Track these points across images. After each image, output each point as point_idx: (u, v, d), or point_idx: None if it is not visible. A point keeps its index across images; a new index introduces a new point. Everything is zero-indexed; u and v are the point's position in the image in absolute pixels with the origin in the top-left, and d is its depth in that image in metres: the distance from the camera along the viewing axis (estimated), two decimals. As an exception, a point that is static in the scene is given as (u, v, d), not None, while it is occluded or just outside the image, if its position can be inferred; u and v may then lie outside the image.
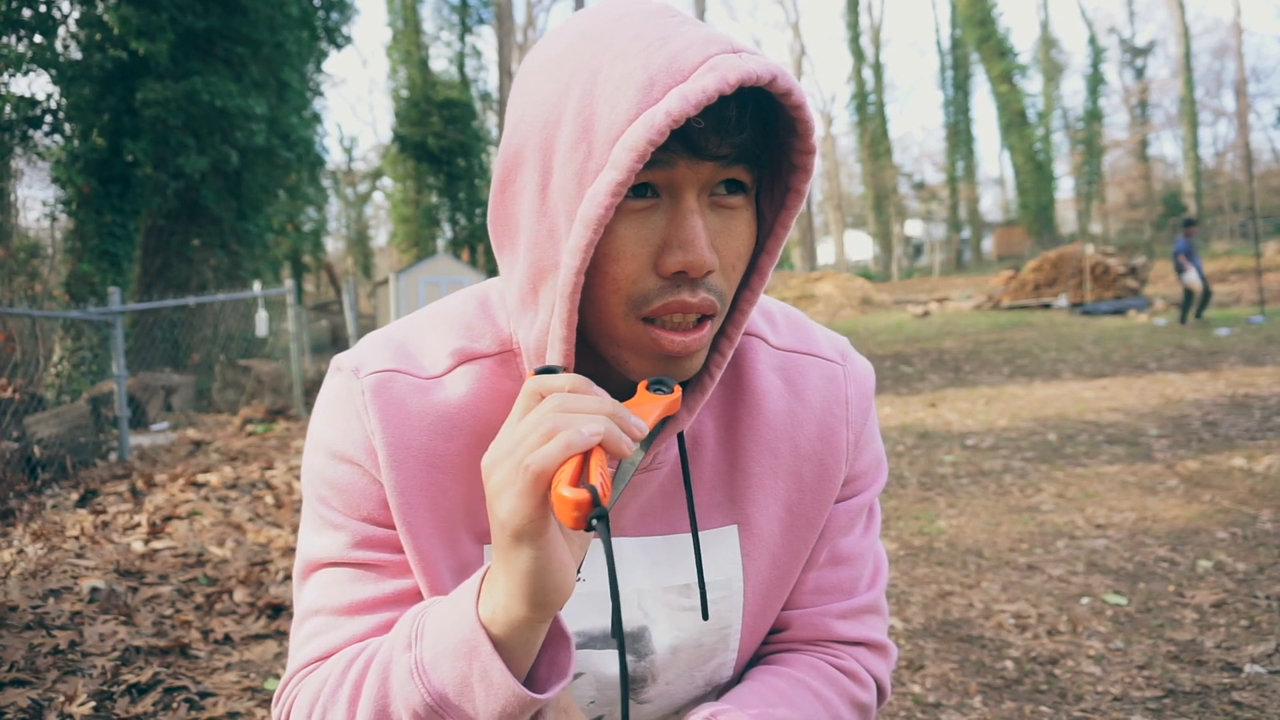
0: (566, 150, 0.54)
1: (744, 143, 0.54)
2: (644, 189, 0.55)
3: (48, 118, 9.07)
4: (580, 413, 0.49)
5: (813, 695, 0.70)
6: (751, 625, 0.73)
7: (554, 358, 0.57)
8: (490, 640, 0.54)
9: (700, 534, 0.69)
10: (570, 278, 0.54)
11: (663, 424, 0.61)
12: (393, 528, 0.67)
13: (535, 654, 0.56)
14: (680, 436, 0.65)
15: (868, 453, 0.75)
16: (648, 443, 0.60)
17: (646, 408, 0.55)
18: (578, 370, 0.63)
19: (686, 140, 0.53)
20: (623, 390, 0.64)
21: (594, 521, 0.46)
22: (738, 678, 0.75)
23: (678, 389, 0.57)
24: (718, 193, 0.56)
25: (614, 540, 0.69)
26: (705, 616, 0.67)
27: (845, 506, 0.74)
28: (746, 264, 0.59)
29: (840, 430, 0.71)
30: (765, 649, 0.76)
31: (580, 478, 0.48)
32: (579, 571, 0.67)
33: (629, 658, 0.70)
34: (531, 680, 0.57)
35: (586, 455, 0.48)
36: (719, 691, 0.75)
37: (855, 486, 0.75)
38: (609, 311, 0.57)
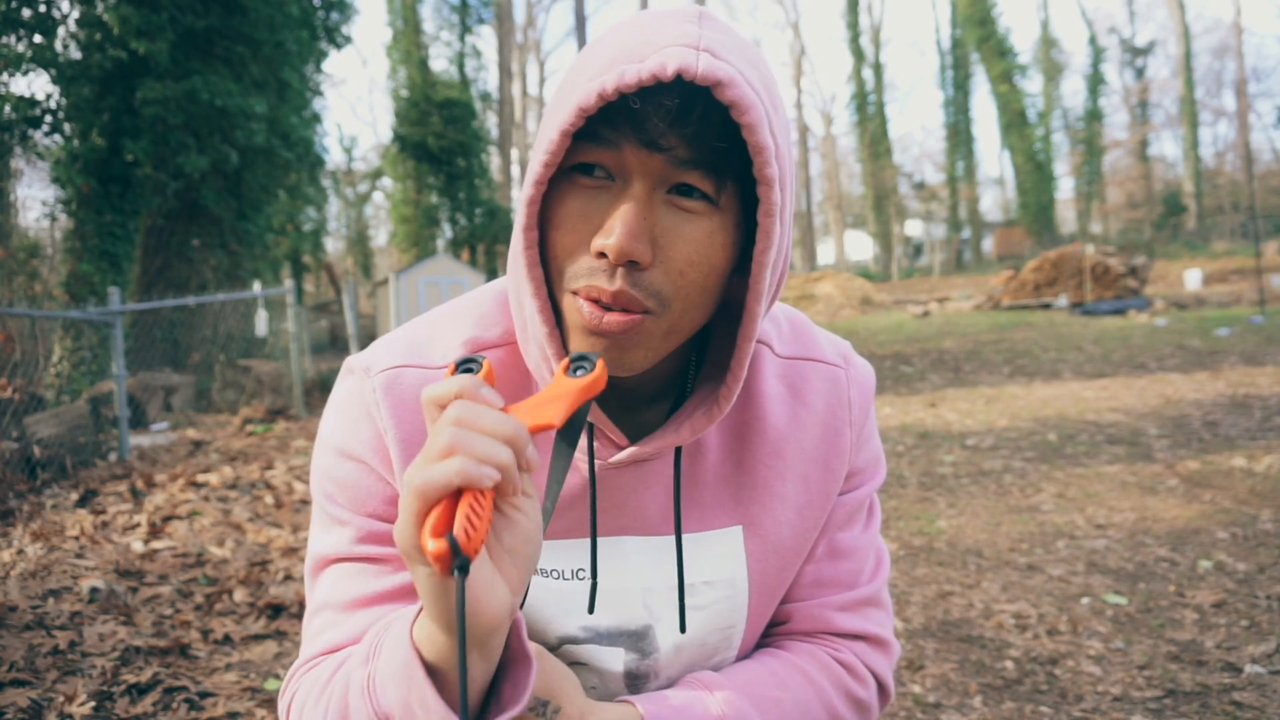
0: (546, 126, 0.57)
1: (695, 142, 0.54)
2: (595, 168, 0.56)
3: (47, 118, 9.06)
4: (479, 432, 0.45)
5: (805, 680, 0.71)
6: (754, 626, 0.73)
7: (529, 308, 0.59)
8: (423, 666, 0.52)
9: (704, 534, 0.70)
10: (519, 238, 0.57)
11: (584, 409, 0.54)
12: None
13: (488, 677, 0.53)
14: (677, 452, 0.66)
15: (867, 449, 0.76)
16: (573, 433, 0.55)
17: (558, 401, 0.51)
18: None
19: (637, 127, 0.53)
20: (610, 403, 0.66)
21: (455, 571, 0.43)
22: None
23: (600, 364, 0.53)
24: (674, 193, 0.56)
25: (621, 539, 0.69)
26: (683, 629, 0.68)
27: (844, 500, 0.75)
28: (707, 278, 0.58)
29: (844, 432, 0.73)
30: (765, 640, 0.77)
31: (450, 520, 0.44)
32: (582, 571, 0.68)
33: (633, 655, 0.71)
34: (496, 697, 0.54)
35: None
36: None
37: (854, 481, 0.76)
38: (553, 279, 0.59)
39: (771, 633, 0.77)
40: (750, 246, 0.60)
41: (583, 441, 0.66)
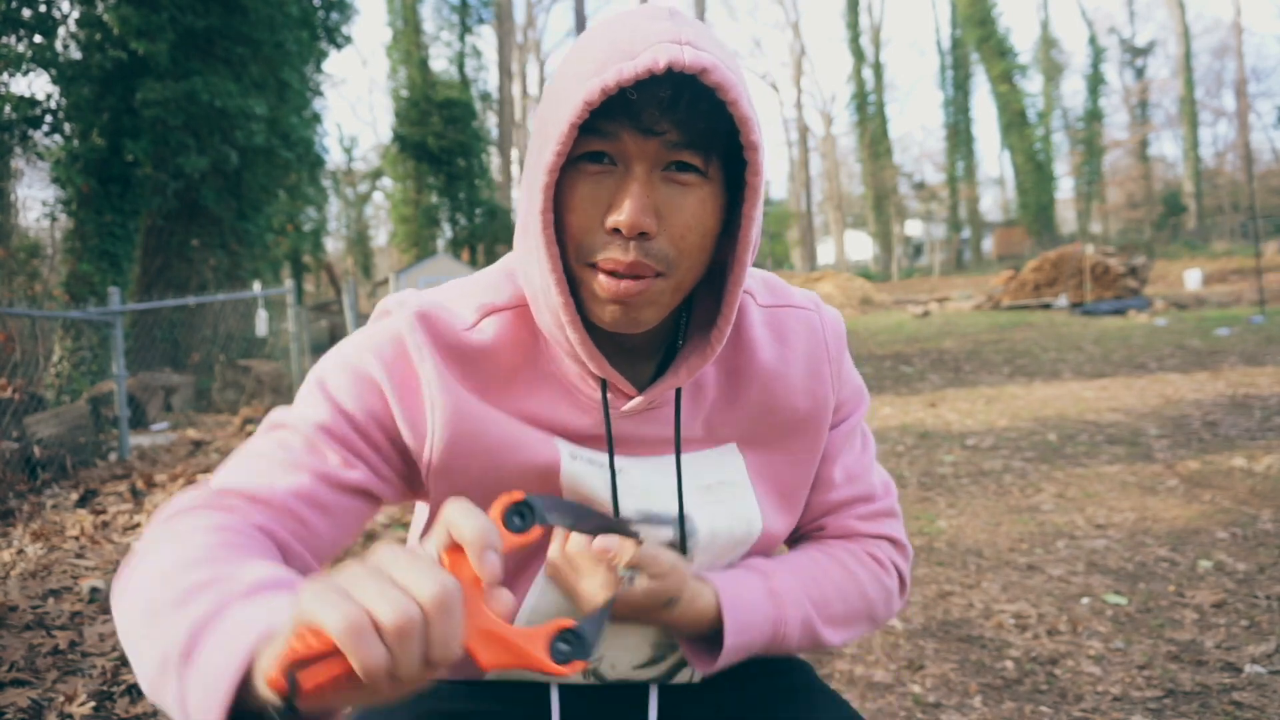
0: (548, 119, 0.65)
1: (685, 125, 0.63)
2: (600, 156, 0.65)
3: (48, 118, 9.05)
4: (415, 629, 0.41)
5: (843, 568, 0.84)
6: (770, 525, 0.82)
7: (550, 292, 0.66)
8: (234, 686, 0.48)
9: (707, 451, 0.80)
10: (536, 220, 0.65)
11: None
12: (366, 435, 0.72)
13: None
14: (678, 393, 0.76)
15: (849, 383, 0.87)
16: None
17: (517, 639, 0.47)
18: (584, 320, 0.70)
19: (633, 117, 0.62)
20: (611, 353, 0.73)
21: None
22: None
23: (534, 531, 0.51)
24: (671, 170, 0.65)
25: (644, 458, 0.78)
26: (682, 532, 0.77)
27: (840, 430, 0.86)
28: (703, 239, 0.67)
29: (824, 367, 0.83)
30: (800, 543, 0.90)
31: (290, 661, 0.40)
32: (623, 470, 0.76)
33: (678, 535, 0.79)
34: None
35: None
36: None
37: (844, 412, 0.87)
38: (571, 258, 0.67)
39: (807, 538, 0.90)
40: (731, 208, 0.70)
41: (595, 394, 0.74)
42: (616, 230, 0.64)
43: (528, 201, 0.67)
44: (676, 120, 0.62)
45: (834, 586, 0.82)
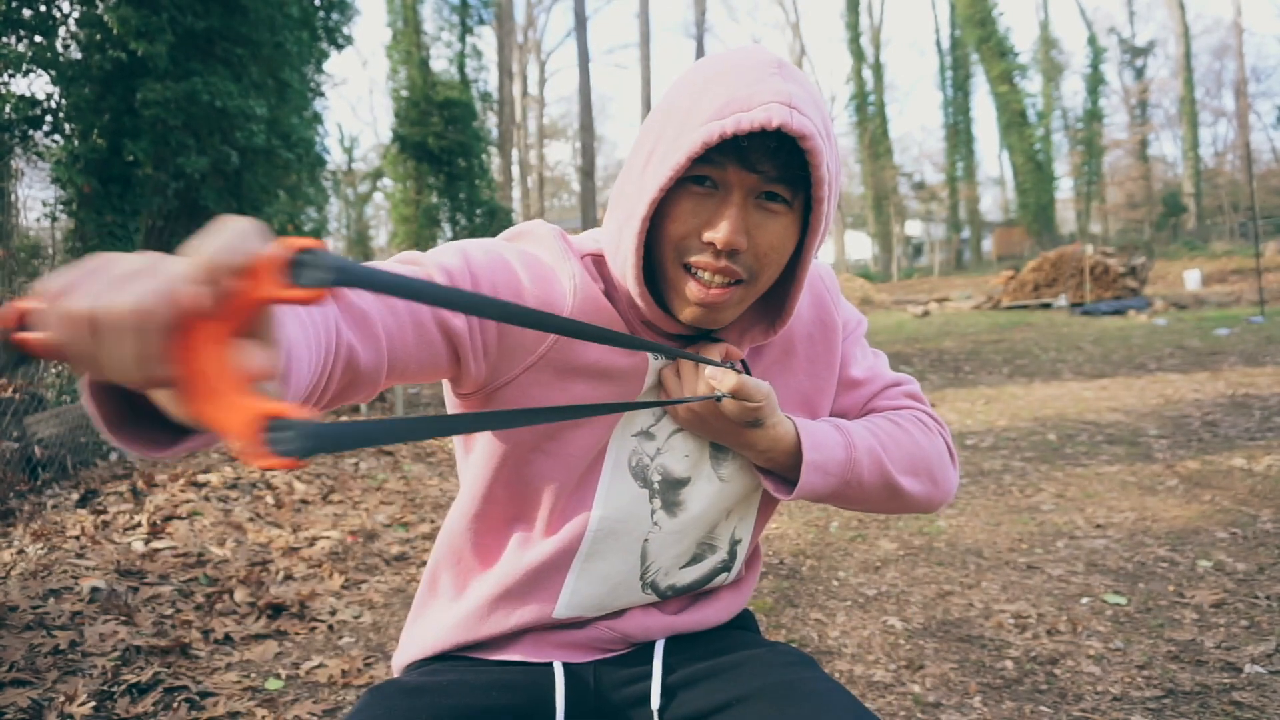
0: (666, 139, 0.76)
1: (780, 167, 0.75)
2: (704, 179, 0.77)
3: (48, 118, 9.06)
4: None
5: (895, 425, 0.96)
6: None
7: (628, 271, 0.80)
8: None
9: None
10: (637, 222, 0.77)
11: None
12: (458, 330, 0.79)
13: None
14: (743, 363, 0.91)
15: (845, 309, 1.01)
16: None
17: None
18: (653, 292, 0.84)
19: (740, 154, 0.75)
20: (673, 329, 0.85)
21: None
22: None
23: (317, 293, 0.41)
24: (762, 199, 0.78)
25: (669, 434, 0.92)
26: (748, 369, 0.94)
27: (849, 342, 1.01)
28: (782, 257, 0.80)
29: (827, 305, 0.98)
30: None
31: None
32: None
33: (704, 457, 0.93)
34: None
35: None
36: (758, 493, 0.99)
37: (849, 329, 1.01)
38: (664, 256, 0.80)
39: None
40: (803, 230, 0.82)
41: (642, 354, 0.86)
42: (711, 244, 0.76)
43: (630, 202, 0.79)
44: (776, 163, 0.75)
45: (891, 437, 0.93)
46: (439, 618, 0.96)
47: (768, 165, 0.75)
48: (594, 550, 0.89)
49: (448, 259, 0.82)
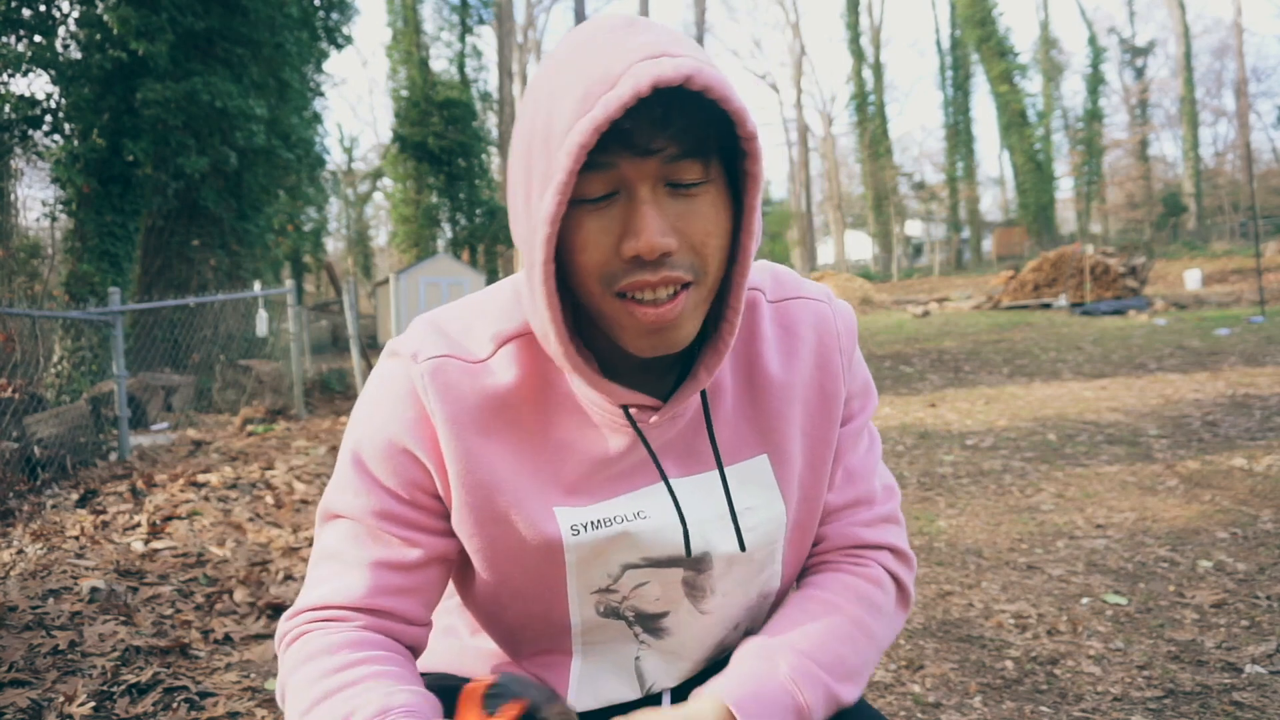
0: (536, 160, 0.63)
1: (681, 136, 0.62)
2: (599, 198, 0.63)
3: (48, 118, 9.06)
4: None
5: (849, 619, 0.80)
6: (794, 540, 0.83)
7: (550, 341, 0.67)
8: None
9: (735, 466, 0.79)
10: (538, 270, 0.64)
11: None
12: (415, 506, 0.75)
13: None
14: (703, 394, 0.75)
15: (859, 378, 0.86)
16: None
17: None
18: (591, 345, 0.73)
19: (626, 141, 0.61)
20: (631, 366, 0.74)
21: None
22: (785, 590, 0.88)
23: (513, 706, 0.59)
24: (674, 182, 0.64)
25: (691, 480, 0.79)
26: (742, 547, 0.78)
27: (847, 428, 0.85)
28: (722, 239, 0.66)
29: (834, 358, 0.82)
30: (809, 560, 0.88)
31: None
32: (642, 513, 0.77)
33: (690, 573, 0.80)
34: None
35: None
36: (768, 600, 0.86)
37: (852, 408, 0.85)
38: (590, 293, 0.66)
39: (813, 552, 0.88)
40: (736, 198, 0.68)
41: (618, 414, 0.74)
42: (636, 256, 0.63)
43: (528, 250, 0.65)
44: (671, 135, 0.61)
45: (845, 642, 0.78)
46: (449, 643, 0.93)
47: (661, 141, 0.61)
48: (584, 673, 0.83)
49: (363, 499, 0.75)
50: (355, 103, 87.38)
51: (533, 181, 0.64)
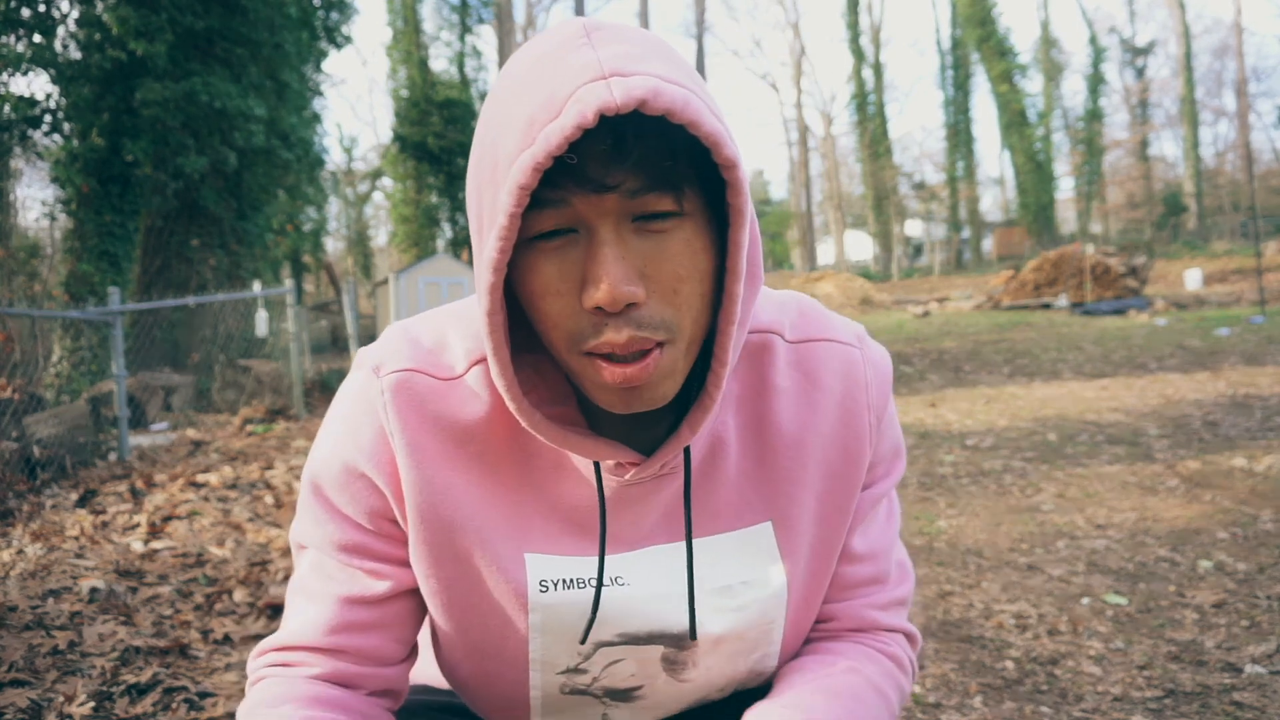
0: (485, 195, 0.55)
1: (642, 166, 0.52)
2: (552, 233, 0.55)
3: (47, 118, 9.06)
4: None
5: (876, 692, 0.71)
6: (795, 619, 0.73)
7: (507, 399, 0.59)
8: None
9: (735, 533, 0.70)
10: (484, 320, 0.56)
11: None
12: (379, 535, 0.69)
13: None
14: (686, 451, 0.65)
15: (888, 438, 0.74)
16: None
17: None
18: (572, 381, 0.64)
19: (577, 175, 0.52)
20: (606, 414, 0.65)
21: None
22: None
23: None
24: (642, 219, 0.54)
25: (650, 549, 0.70)
26: (693, 636, 0.68)
27: (868, 494, 0.74)
28: (701, 283, 0.57)
29: (862, 414, 0.71)
30: (813, 634, 0.78)
31: None
32: (620, 579, 0.68)
33: (671, 650, 0.71)
34: None
35: None
36: (760, 678, 0.76)
37: (875, 474, 0.74)
38: (555, 345, 0.58)
39: (818, 629, 0.77)
40: (722, 230, 0.59)
41: (587, 469, 0.66)
42: (599, 308, 0.54)
43: (478, 295, 0.57)
44: (630, 166, 0.52)
45: (870, 714, 0.69)
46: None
47: (619, 175, 0.52)
48: None
49: (325, 530, 0.70)
50: (355, 102, 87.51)
51: (483, 218, 0.56)
